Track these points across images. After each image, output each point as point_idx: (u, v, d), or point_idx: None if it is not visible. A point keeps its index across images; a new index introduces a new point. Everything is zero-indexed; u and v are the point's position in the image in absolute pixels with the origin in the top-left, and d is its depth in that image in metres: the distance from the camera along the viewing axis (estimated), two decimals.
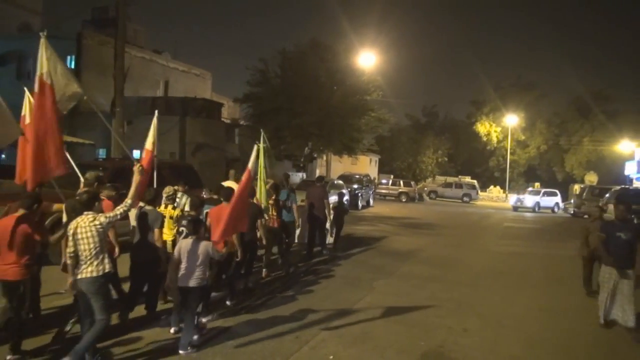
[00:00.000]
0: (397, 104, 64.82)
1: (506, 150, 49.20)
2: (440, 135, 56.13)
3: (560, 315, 7.34)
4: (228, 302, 6.64)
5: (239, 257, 6.41)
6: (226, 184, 8.63)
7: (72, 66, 22.18)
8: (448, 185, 40.89)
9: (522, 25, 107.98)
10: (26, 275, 4.71)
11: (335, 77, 24.40)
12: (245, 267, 7.37)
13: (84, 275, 4.52)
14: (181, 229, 5.93)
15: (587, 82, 61.40)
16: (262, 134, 8.40)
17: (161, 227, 5.81)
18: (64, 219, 5.26)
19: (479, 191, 41.15)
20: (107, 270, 4.58)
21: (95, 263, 4.52)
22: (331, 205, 11.31)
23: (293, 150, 24.80)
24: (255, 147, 6.91)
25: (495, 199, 45.18)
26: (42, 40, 4.81)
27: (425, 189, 42.08)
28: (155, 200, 5.98)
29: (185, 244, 5.28)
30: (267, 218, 8.10)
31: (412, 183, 36.61)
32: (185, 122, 20.23)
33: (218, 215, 5.98)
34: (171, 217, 6.48)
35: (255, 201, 7.56)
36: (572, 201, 30.00)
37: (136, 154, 13.71)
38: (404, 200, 33.57)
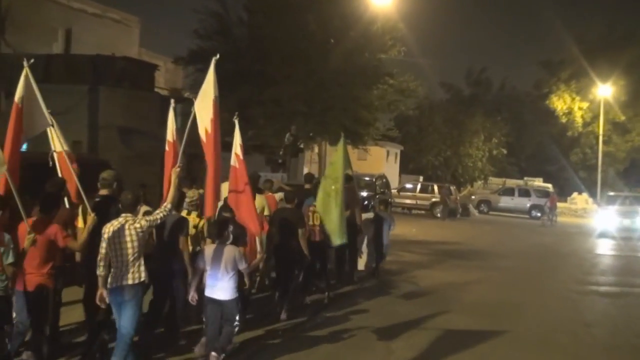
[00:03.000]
0: (428, 66, 65.10)
1: (597, 138, 49.47)
2: (495, 115, 56.39)
3: None
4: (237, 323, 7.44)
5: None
6: (226, 185, 9.44)
7: None
8: (508, 191, 41.10)
9: None
10: (50, 285, 6.37)
11: (332, 24, 24.42)
12: (282, 287, 9.46)
13: (119, 283, 6.07)
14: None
15: None
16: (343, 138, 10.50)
17: (187, 234, 7.52)
18: (80, 223, 7.02)
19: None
20: (142, 279, 6.21)
21: (132, 270, 6.12)
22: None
23: (267, 139, 24.80)
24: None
25: (581, 213, 45.44)
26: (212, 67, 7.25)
27: (473, 197, 42.26)
28: (178, 206, 7.50)
29: (210, 250, 6.92)
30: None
31: (452, 188, 36.78)
32: (98, 93, 20.08)
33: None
34: (195, 227, 8.01)
35: (311, 209, 10.22)
36: None
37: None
38: (439, 215, 33.73)
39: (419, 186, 36.39)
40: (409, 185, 37.04)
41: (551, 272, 16.79)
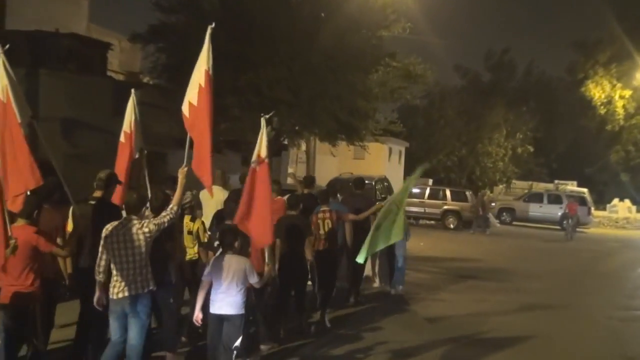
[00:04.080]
0: (439, 46, 65.31)
1: None
2: (520, 105, 56.56)
3: None
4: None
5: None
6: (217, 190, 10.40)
7: None
8: (535, 197, 41.17)
9: None
10: (34, 299, 6.96)
11: None
12: (283, 302, 10.14)
13: (126, 294, 6.78)
14: (217, 243, 8.25)
15: None
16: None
17: (175, 239, 8.34)
18: (70, 227, 7.72)
19: (593, 208, 41.51)
20: (151, 288, 6.99)
21: (139, 279, 6.86)
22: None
23: (243, 133, 24.73)
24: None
25: (623, 224, 45.65)
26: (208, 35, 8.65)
27: (493, 204, 42.33)
28: (161, 208, 7.86)
29: (217, 260, 7.53)
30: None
31: (468, 194, 36.86)
32: (38, 78, 20.06)
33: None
34: (190, 232, 9.03)
35: (321, 216, 11.22)
36: None
37: None
38: (452, 226, 33.86)
39: (427, 191, 36.36)
40: (415, 190, 36.93)
41: (587, 295, 16.86)
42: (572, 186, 48.37)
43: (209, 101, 8.03)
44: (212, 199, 10.05)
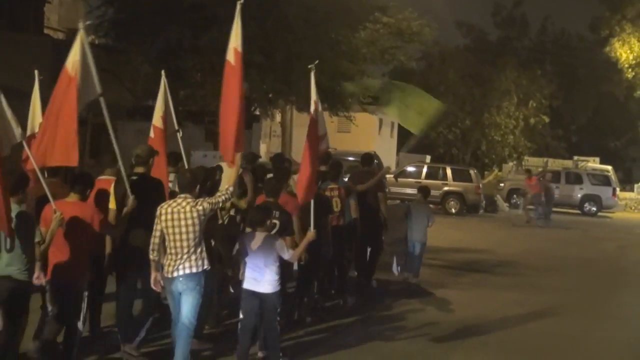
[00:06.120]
0: None
1: None
2: (533, 68, 56.52)
3: None
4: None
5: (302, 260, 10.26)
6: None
7: None
8: (550, 176, 41.23)
9: None
10: (85, 276, 8.11)
11: None
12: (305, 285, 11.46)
13: (180, 273, 7.89)
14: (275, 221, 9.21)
15: None
16: None
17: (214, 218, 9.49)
18: (112, 205, 8.74)
19: (618, 189, 41.61)
20: (205, 267, 8.09)
21: (193, 258, 7.94)
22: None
23: (206, 102, 24.64)
24: None
25: None
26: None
27: (501, 185, 42.42)
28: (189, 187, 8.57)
29: (249, 237, 8.60)
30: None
31: (473, 173, 36.84)
32: None
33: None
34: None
35: (328, 193, 11.92)
36: None
37: None
38: (453, 210, 33.99)
39: (424, 170, 36.38)
40: (410, 169, 37.07)
41: (616, 291, 16.95)
42: (594, 163, 48.51)
43: (239, 81, 9.20)
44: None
